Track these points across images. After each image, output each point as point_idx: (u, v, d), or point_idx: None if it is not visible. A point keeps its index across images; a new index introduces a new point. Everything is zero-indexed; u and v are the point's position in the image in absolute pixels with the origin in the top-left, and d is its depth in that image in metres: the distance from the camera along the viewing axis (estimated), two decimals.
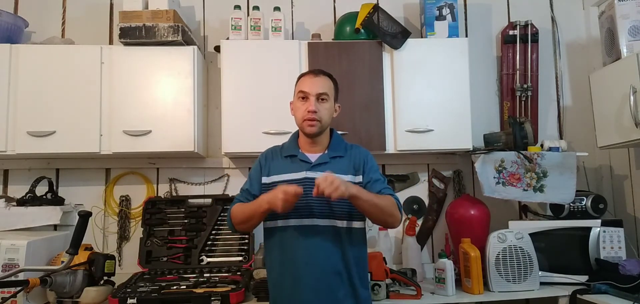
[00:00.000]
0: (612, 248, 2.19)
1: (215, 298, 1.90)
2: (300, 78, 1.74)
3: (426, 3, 2.49)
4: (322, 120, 1.66)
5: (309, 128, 1.66)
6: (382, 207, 1.57)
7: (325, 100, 1.67)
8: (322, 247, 1.60)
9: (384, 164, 2.69)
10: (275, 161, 1.73)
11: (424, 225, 2.67)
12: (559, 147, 2.41)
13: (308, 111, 1.64)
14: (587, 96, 2.53)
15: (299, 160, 1.69)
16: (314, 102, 1.64)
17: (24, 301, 1.94)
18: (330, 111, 1.70)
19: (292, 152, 1.72)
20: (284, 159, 1.72)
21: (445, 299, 2.06)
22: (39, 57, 2.26)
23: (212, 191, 2.60)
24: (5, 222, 2.22)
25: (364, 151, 1.76)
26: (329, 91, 1.69)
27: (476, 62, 2.66)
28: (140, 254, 2.38)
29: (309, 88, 1.66)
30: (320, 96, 1.66)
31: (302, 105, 1.67)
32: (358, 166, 1.70)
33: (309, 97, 1.65)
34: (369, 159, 1.73)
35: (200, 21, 2.74)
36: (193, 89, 2.31)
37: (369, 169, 1.70)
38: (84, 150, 2.26)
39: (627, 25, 2.21)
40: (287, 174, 1.67)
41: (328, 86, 1.70)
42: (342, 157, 1.71)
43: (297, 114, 1.69)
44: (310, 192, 1.52)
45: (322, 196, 1.45)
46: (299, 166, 1.68)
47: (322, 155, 1.70)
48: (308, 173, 1.65)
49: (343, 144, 1.76)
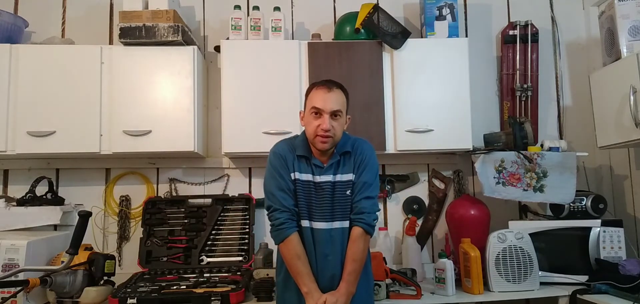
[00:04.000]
0: (612, 248, 2.19)
1: (215, 298, 1.90)
2: (311, 90, 1.71)
3: (426, 3, 2.49)
4: (335, 137, 1.67)
5: (321, 145, 1.66)
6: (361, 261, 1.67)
7: (338, 116, 1.66)
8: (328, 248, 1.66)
9: (384, 164, 2.69)
10: (292, 157, 1.72)
11: (424, 225, 2.67)
12: (559, 147, 2.41)
13: (322, 129, 1.63)
14: (587, 96, 2.53)
15: (312, 163, 1.71)
16: (328, 120, 1.63)
17: (24, 301, 1.94)
18: (343, 126, 1.71)
19: (306, 154, 1.72)
20: (298, 157, 1.72)
21: (445, 299, 2.05)
22: (39, 57, 2.27)
23: (212, 191, 2.60)
24: (5, 222, 2.22)
25: (367, 149, 1.76)
26: (342, 107, 1.68)
27: (476, 62, 2.66)
28: (140, 254, 2.38)
29: (323, 105, 1.64)
30: (334, 113, 1.65)
31: (315, 120, 1.65)
32: (356, 165, 1.72)
33: (323, 115, 1.63)
34: (365, 159, 1.73)
35: (200, 21, 2.73)
36: (193, 89, 2.31)
37: (361, 171, 1.71)
38: (84, 150, 2.26)
39: (627, 25, 2.21)
40: (305, 174, 1.70)
41: (342, 101, 1.68)
42: (349, 152, 1.73)
43: (309, 128, 1.68)
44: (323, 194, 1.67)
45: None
46: (312, 169, 1.71)
47: (331, 157, 1.72)
48: (322, 177, 1.69)
49: (350, 140, 1.76)
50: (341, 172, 1.70)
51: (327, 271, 1.66)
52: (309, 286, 1.61)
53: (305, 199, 1.68)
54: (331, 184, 1.69)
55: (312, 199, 1.68)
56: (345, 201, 1.68)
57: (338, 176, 1.70)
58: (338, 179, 1.69)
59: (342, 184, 1.69)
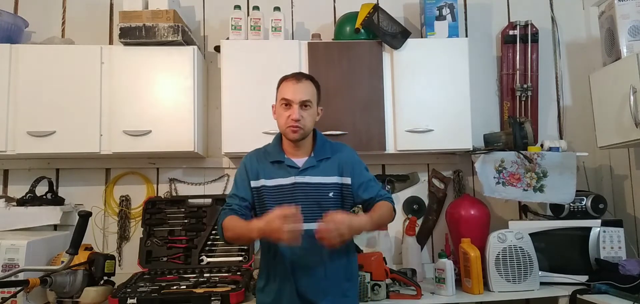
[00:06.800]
0: (612, 248, 2.19)
1: (215, 298, 1.90)
2: (281, 83, 1.72)
3: (426, 3, 2.49)
4: (306, 127, 1.66)
5: (292, 134, 1.66)
6: (385, 221, 1.69)
7: (308, 107, 1.67)
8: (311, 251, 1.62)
9: (384, 164, 2.69)
10: (262, 164, 1.72)
11: (424, 225, 2.67)
12: (559, 147, 2.41)
13: (291, 119, 1.64)
14: (587, 96, 2.53)
15: (286, 166, 1.69)
16: (298, 110, 1.64)
17: (24, 301, 1.94)
18: (313, 116, 1.71)
19: (278, 158, 1.71)
20: (270, 163, 1.72)
21: (445, 299, 2.06)
22: (39, 57, 2.26)
23: (212, 191, 2.60)
24: (5, 222, 2.23)
25: (349, 151, 1.77)
26: (312, 97, 1.68)
27: (476, 62, 2.65)
28: (140, 254, 2.38)
29: (292, 96, 1.65)
30: (304, 103, 1.66)
31: (284, 112, 1.66)
32: (343, 168, 1.71)
33: (293, 105, 1.65)
34: (355, 160, 1.74)
35: (200, 21, 2.74)
36: (193, 89, 2.31)
37: (359, 172, 1.72)
38: (84, 150, 2.26)
39: (627, 25, 2.21)
40: (276, 179, 1.68)
41: (311, 91, 1.69)
42: (329, 158, 1.72)
43: (280, 120, 1.69)
44: (301, 197, 1.63)
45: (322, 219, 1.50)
46: (286, 172, 1.69)
47: (309, 159, 1.71)
48: (297, 178, 1.67)
49: (328, 144, 1.77)
50: (323, 174, 1.68)
51: (307, 269, 1.64)
52: (254, 223, 1.56)
53: (276, 203, 1.61)
54: (310, 186, 1.66)
55: (287, 201, 1.61)
56: (327, 203, 1.65)
57: (318, 178, 1.67)
58: (319, 181, 1.67)
59: (325, 186, 1.67)
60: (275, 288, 1.67)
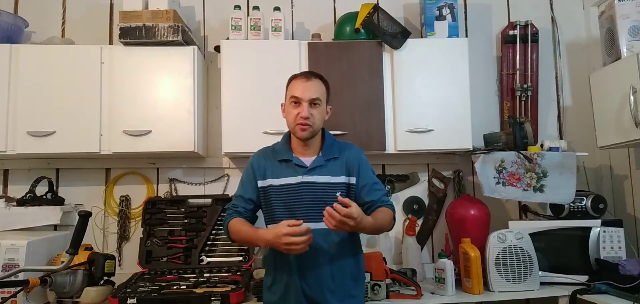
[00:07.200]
0: (612, 248, 2.19)
1: (215, 298, 1.90)
2: (291, 81, 1.73)
3: (426, 3, 2.49)
4: (315, 125, 1.67)
5: (301, 132, 1.66)
6: (384, 229, 1.68)
7: (317, 105, 1.67)
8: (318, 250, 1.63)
9: (384, 164, 2.69)
10: (269, 163, 1.73)
11: (424, 225, 2.67)
12: (559, 147, 2.41)
13: (301, 117, 1.64)
14: (587, 96, 2.53)
15: (294, 164, 1.70)
16: (307, 108, 1.64)
17: (24, 301, 1.94)
18: (323, 115, 1.71)
19: (286, 156, 1.72)
20: (278, 162, 1.72)
21: (445, 299, 2.06)
22: (39, 57, 2.26)
23: (212, 191, 2.60)
24: (5, 222, 2.22)
25: (357, 151, 1.77)
26: (321, 96, 1.69)
27: (476, 62, 2.65)
28: (140, 254, 2.38)
29: (302, 93, 1.66)
30: (313, 101, 1.66)
31: (294, 110, 1.67)
32: (351, 167, 1.71)
33: (302, 103, 1.65)
34: (362, 161, 1.74)
35: (200, 21, 2.73)
36: (193, 89, 2.31)
37: (364, 173, 1.71)
38: (84, 150, 2.26)
39: (627, 25, 2.21)
40: (284, 178, 1.69)
41: (320, 90, 1.70)
42: (337, 158, 1.72)
43: (289, 118, 1.70)
44: (308, 196, 1.63)
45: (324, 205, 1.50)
46: (294, 171, 1.69)
47: (317, 158, 1.71)
48: (304, 178, 1.67)
49: (336, 144, 1.77)
50: (330, 173, 1.68)
51: (313, 269, 1.63)
52: (261, 232, 1.59)
53: (283, 202, 1.66)
54: (318, 185, 1.66)
55: (294, 201, 1.65)
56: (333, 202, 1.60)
57: (326, 177, 1.67)
58: (326, 181, 1.67)
59: (332, 185, 1.67)
60: (282, 287, 1.66)
